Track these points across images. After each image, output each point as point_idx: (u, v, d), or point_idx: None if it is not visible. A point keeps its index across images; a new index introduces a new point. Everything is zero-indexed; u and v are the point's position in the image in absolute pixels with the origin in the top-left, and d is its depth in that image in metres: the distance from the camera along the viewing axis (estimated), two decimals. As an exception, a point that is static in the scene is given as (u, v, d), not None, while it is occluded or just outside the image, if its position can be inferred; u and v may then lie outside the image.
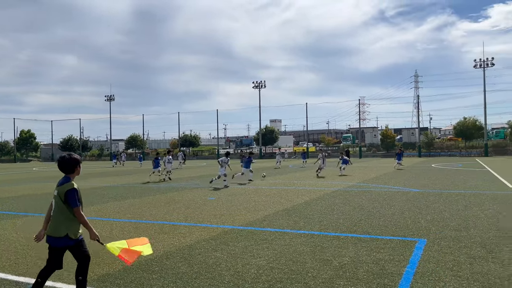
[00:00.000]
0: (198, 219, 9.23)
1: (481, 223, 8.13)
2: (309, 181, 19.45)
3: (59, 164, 4.23)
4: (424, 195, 13.05)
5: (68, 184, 4.11)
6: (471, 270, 5.11)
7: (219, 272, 5.24)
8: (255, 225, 8.42)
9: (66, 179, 4.17)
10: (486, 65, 60.32)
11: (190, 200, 12.92)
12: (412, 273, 5.06)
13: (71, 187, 4.10)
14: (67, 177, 4.19)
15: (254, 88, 75.55)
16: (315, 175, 22.32)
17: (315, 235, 7.32)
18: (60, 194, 4.09)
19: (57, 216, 4.09)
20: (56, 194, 4.14)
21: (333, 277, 4.95)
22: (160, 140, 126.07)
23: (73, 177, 4.22)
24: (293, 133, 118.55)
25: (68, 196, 4.06)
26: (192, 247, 6.58)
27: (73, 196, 4.07)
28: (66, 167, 4.21)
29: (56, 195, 4.13)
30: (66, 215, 4.07)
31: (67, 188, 4.08)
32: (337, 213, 9.73)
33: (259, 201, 12.14)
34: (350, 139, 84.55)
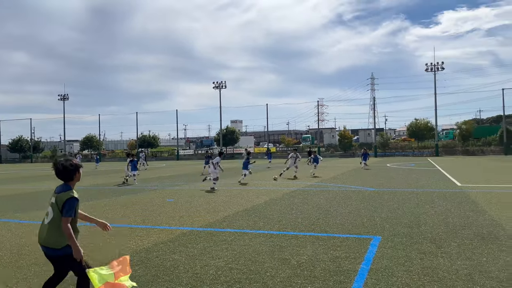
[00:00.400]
0: (156, 221, 9.06)
1: (431, 220, 8.51)
2: (270, 181, 19.58)
3: (57, 171, 3.85)
4: (379, 194, 13.49)
5: (67, 193, 3.76)
6: (422, 265, 5.33)
7: (177, 275, 5.17)
8: (215, 226, 8.38)
9: (65, 186, 3.82)
10: (437, 69, 63.33)
11: (148, 202, 12.65)
12: (367, 269, 5.21)
13: (71, 196, 3.75)
14: (67, 184, 3.84)
15: (215, 88, 75.24)
16: (278, 175, 21.43)
17: (274, 235, 7.38)
18: (58, 203, 3.74)
19: (54, 226, 3.74)
20: (53, 201, 3.78)
21: (291, 276, 5.01)
22: (117, 141, 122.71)
23: (73, 185, 3.88)
24: (254, 133, 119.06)
25: (66, 204, 3.71)
26: (149, 250, 6.44)
27: (71, 206, 3.73)
28: (65, 174, 3.84)
29: (53, 202, 3.77)
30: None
31: (66, 197, 3.73)
32: (296, 212, 9.86)
33: (219, 202, 12.09)
34: (309, 140, 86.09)
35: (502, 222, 8.03)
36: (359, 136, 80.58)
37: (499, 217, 8.58)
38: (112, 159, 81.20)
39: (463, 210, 9.70)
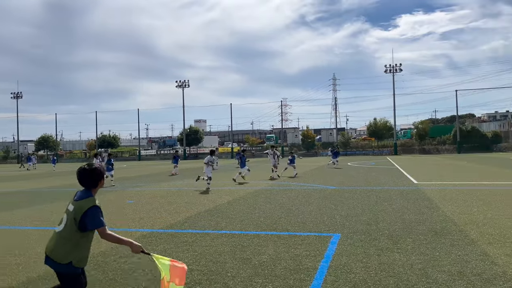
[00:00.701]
0: (115, 224, 8.81)
1: (389, 216, 8.78)
2: (230, 181, 19.54)
3: (80, 176, 3.52)
4: (340, 192, 13.77)
5: (88, 200, 3.38)
6: (379, 261, 5.48)
7: (135, 278, 5.04)
8: (176, 227, 8.25)
9: (86, 193, 3.45)
10: (395, 70, 65.64)
11: (107, 204, 12.29)
12: (326, 267, 5.30)
13: (92, 204, 3.35)
14: (88, 191, 3.46)
15: (178, 87, 74.38)
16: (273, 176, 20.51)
17: (236, 235, 7.36)
18: (77, 211, 3.32)
19: (65, 236, 3.35)
20: (70, 209, 3.39)
21: (252, 276, 5.01)
22: (75, 141, 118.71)
23: (95, 192, 3.52)
24: (218, 133, 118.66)
25: (89, 215, 3.30)
26: (106, 254, 6.26)
27: (97, 215, 3.34)
28: (88, 181, 3.50)
29: (70, 210, 3.38)
30: (76, 240, 3.34)
31: (87, 206, 3.33)
32: (258, 212, 9.89)
33: (181, 203, 11.93)
34: (273, 139, 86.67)
35: (454, 218, 8.40)
36: (321, 135, 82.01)
37: (452, 213, 8.98)
38: (70, 160, 78.48)
39: (418, 206, 10.08)
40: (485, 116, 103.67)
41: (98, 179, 3.53)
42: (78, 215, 3.30)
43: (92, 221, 3.31)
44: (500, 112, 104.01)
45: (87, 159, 78.32)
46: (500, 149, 62.52)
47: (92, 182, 3.50)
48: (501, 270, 4.92)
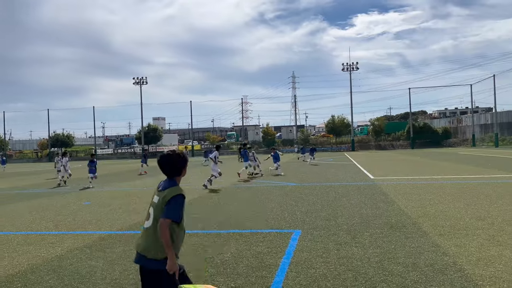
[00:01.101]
0: (71, 227, 8.50)
1: (347, 212, 9.02)
2: (193, 179, 19.35)
3: (162, 164, 3.22)
4: (300, 188, 13.99)
5: (174, 189, 3.10)
6: (338, 255, 5.63)
7: (93, 282, 4.89)
8: (136, 228, 8.06)
9: (170, 182, 3.18)
10: (352, 68, 67.35)
11: (61, 206, 11.83)
12: (288, 263, 5.37)
13: (178, 193, 3.08)
14: (173, 180, 3.20)
15: (135, 84, 72.65)
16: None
17: (198, 234, 7.31)
18: (162, 202, 3.08)
19: (156, 232, 3.05)
20: (156, 201, 3.11)
21: (214, 275, 4.99)
22: (26, 141, 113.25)
23: (179, 181, 3.24)
24: (178, 131, 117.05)
25: (171, 203, 3.03)
26: (62, 258, 6.02)
27: (177, 205, 3.05)
28: (172, 168, 3.21)
29: (156, 202, 3.11)
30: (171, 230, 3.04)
31: (172, 194, 3.06)
32: (220, 210, 9.86)
33: (140, 203, 11.68)
34: (234, 137, 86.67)
35: (408, 211, 8.77)
36: (281, 132, 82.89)
37: (406, 207, 9.36)
38: (20, 160, 74.75)
39: (375, 201, 10.43)
40: (436, 113, 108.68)
41: (182, 166, 3.24)
42: (164, 205, 3.06)
43: (168, 210, 3.03)
44: (449, 109, 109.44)
45: (39, 159, 74.88)
46: (450, 144, 65.87)
47: (176, 170, 3.22)
48: (452, 261, 5.19)
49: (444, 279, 4.52)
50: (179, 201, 3.06)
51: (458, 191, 11.91)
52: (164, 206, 3.04)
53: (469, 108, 77.57)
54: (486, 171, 18.36)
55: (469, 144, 62.87)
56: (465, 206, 9.24)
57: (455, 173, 17.72)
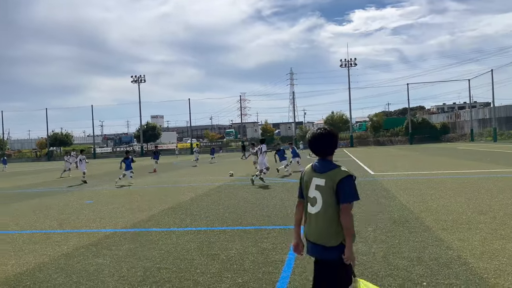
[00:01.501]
0: (75, 225, 8.54)
1: (350, 207, 9.06)
2: (194, 177, 19.41)
3: (317, 142, 2.97)
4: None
5: (340, 170, 2.87)
6: (343, 251, 5.67)
7: (101, 279, 4.93)
8: (140, 226, 8.12)
9: (329, 163, 2.95)
10: (350, 64, 67.34)
11: (64, 205, 11.86)
12: (293, 258, 5.42)
13: (347, 174, 2.85)
14: (328, 160, 2.97)
15: (133, 82, 72.57)
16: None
17: (202, 231, 7.36)
18: (329, 183, 2.85)
19: (329, 216, 2.86)
20: (321, 183, 2.89)
21: (221, 271, 5.04)
22: (24, 140, 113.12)
23: (331, 160, 3.01)
24: (176, 129, 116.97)
25: (346, 185, 2.81)
26: (69, 256, 6.06)
27: (353, 186, 2.85)
28: (327, 146, 2.96)
29: (321, 185, 2.88)
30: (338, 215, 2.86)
31: (342, 175, 2.83)
32: (222, 207, 9.90)
33: (143, 201, 11.72)
34: (232, 134, 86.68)
35: (410, 206, 8.82)
36: (280, 129, 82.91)
37: (408, 202, 9.42)
38: (19, 159, 74.63)
39: (376, 197, 10.48)
40: (434, 108, 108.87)
41: (336, 144, 3.03)
42: (334, 187, 2.84)
43: (347, 193, 2.82)
44: (447, 104, 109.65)
45: (38, 159, 74.77)
46: (448, 140, 65.99)
47: (331, 149, 2.98)
48: (456, 254, 5.24)
49: (449, 273, 4.58)
50: (351, 181, 2.85)
51: (459, 185, 11.98)
52: (337, 189, 2.83)
53: (467, 103, 77.74)
54: (485, 165, 18.43)
55: (468, 139, 63.03)
56: (466, 200, 9.30)
57: (455, 168, 17.80)
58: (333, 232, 2.85)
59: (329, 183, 2.86)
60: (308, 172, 3.03)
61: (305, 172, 3.08)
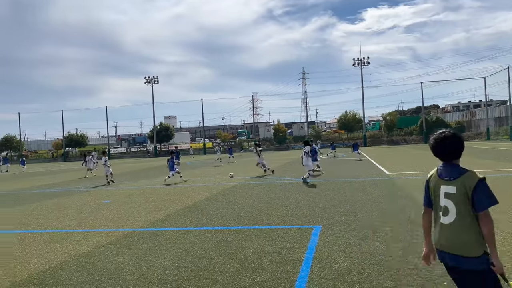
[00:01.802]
0: (94, 224, 8.68)
1: (366, 207, 9.04)
2: (208, 177, 19.51)
3: (440, 146, 2.82)
4: (316, 184, 14.01)
5: (471, 175, 2.70)
6: (361, 250, 5.67)
7: (122, 278, 5.01)
8: (157, 225, 8.21)
9: (457, 168, 2.79)
10: (363, 63, 66.80)
11: (82, 204, 12.05)
12: (311, 258, 5.43)
13: (479, 178, 2.67)
14: (455, 164, 2.82)
15: (146, 83, 73.17)
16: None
17: (219, 230, 7.41)
18: (461, 190, 2.69)
19: (465, 225, 2.70)
20: (453, 192, 2.72)
21: (239, 270, 5.08)
22: (40, 141, 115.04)
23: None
24: (189, 129, 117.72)
25: (481, 191, 2.64)
26: (89, 254, 6.17)
27: (488, 189, 2.65)
28: (453, 150, 2.81)
29: (452, 193, 2.73)
30: (476, 223, 2.70)
31: (475, 181, 2.66)
32: (238, 207, 9.95)
33: (159, 201, 11.84)
34: (245, 134, 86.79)
35: (427, 206, 8.74)
36: (292, 129, 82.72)
37: (424, 201, 9.33)
38: (36, 160, 75.89)
39: (392, 196, 10.41)
40: (449, 106, 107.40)
41: (463, 146, 2.87)
42: (469, 194, 2.67)
43: (485, 198, 2.64)
44: (462, 103, 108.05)
45: (54, 159, 75.95)
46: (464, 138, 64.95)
47: (458, 152, 2.83)
48: (476, 254, 5.19)
49: (469, 272, 4.54)
50: (485, 184, 2.67)
51: (476, 185, 11.81)
52: (473, 196, 2.66)
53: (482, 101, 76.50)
54: (503, 164, 18.15)
55: (484, 137, 62.03)
56: (484, 200, 9.18)
57: (472, 167, 17.40)
58: (472, 242, 2.68)
59: (461, 190, 2.70)
60: (434, 179, 2.87)
61: (431, 178, 2.92)
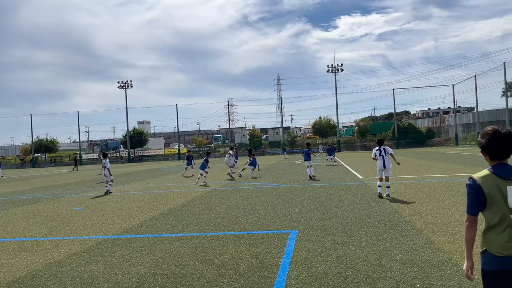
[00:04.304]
0: (66, 232, 8.45)
1: (341, 211, 9.17)
2: (183, 183, 19.34)
3: (506, 143, 2.60)
4: (291, 189, 14.11)
5: None
6: (336, 254, 5.74)
7: (96, 286, 4.90)
8: (132, 232, 8.07)
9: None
10: (337, 70, 67.89)
11: (53, 211, 11.71)
12: (288, 262, 5.46)
13: None
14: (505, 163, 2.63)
15: (120, 88, 72.01)
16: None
17: (195, 237, 7.35)
18: None
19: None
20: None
21: (216, 276, 5.05)
22: (8, 146, 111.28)
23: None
24: (164, 134, 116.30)
25: None
26: (61, 263, 6.00)
27: None
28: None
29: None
30: None
31: None
32: (214, 213, 9.90)
33: (133, 207, 11.64)
34: (220, 140, 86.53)
35: (400, 210, 8.95)
36: (268, 134, 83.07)
37: (397, 206, 9.55)
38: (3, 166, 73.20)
39: (366, 200, 10.60)
40: (419, 113, 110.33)
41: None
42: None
43: None
44: (432, 109, 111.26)
45: (22, 165, 73.51)
46: (434, 144, 66.96)
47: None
48: (447, 256, 5.35)
49: (442, 274, 4.67)
50: None
51: (446, 189, 12.19)
52: None
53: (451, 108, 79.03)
54: (471, 169, 18.76)
55: (452, 143, 64.01)
56: (454, 203, 9.48)
57: (442, 172, 18.08)
58: None
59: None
60: (492, 181, 2.59)
61: (482, 182, 2.61)
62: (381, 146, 11.79)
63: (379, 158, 11.59)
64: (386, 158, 11.55)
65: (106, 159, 17.06)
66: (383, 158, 11.53)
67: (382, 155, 11.61)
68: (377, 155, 11.66)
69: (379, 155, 11.64)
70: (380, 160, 11.56)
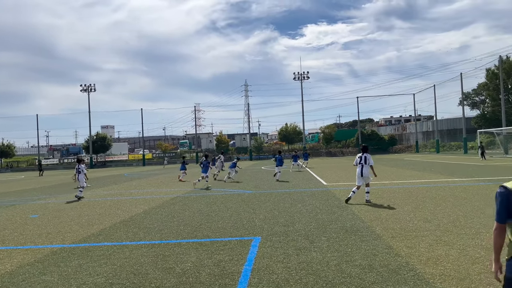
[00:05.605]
0: (19, 241, 8.06)
1: (304, 217, 9.24)
2: (147, 189, 18.95)
3: None
4: (256, 195, 14.12)
5: None
6: (298, 260, 5.77)
7: (49, 298, 4.69)
8: (90, 241, 7.80)
9: None
10: (303, 77, 68.91)
11: (6, 220, 11.16)
12: (249, 270, 5.44)
13: None
14: None
15: (82, 91, 69.96)
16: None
17: (156, 245, 7.20)
18: None
19: None
20: None
21: (176, 284, 4.95)
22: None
23: None
24: (128, 140, 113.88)
25: None
26: (13, 274, 5.71)
27: None
28: None
29: None
30: None
31: None
32: (177, 220, 9.74)
33: (93, 215, 11.28)
34: (187, 145, 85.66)
35: (361, 215, 9.13)
36: (235, 140, 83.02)
37: (359, 211, 9.74)
38: (-46, 172, 69.27)
39: (329, 206, 10.76)
40: (382, 120, 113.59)
41: None
42: None
43: None
44: (394, 117, 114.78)
45: (-24, 171, 69.77)
46: (396, 151, 69.03)
47: None
48: (404, 261, 5.49)
49: (398, 279, 4.79)
50: None
51: (406, 195, 12.56)
52: None
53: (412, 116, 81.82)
54: (430, 175, 19.46)
55: (413, 150, 66.23)
56: (413, 209, 9.77)
57: (402, 178, 18.64)
58: None
59: None
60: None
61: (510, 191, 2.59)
62: (364, 153, 11.70)
63: (358, 166, 11.61)
64: (365, 168, 11.53)
65: (82, 164, 16.85)
66: (362, 167, 11.54)
67: (362, 163, 11.54)
68: (357, 163, 11.68)
69: (359, 163, 11.65)
70: (359, 168, 11.60)
